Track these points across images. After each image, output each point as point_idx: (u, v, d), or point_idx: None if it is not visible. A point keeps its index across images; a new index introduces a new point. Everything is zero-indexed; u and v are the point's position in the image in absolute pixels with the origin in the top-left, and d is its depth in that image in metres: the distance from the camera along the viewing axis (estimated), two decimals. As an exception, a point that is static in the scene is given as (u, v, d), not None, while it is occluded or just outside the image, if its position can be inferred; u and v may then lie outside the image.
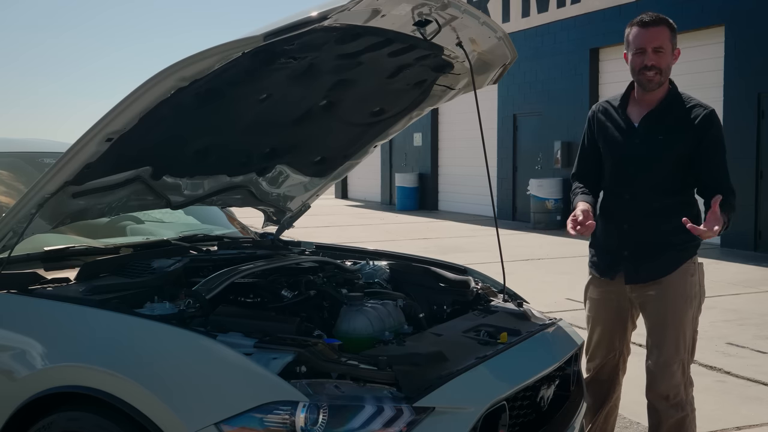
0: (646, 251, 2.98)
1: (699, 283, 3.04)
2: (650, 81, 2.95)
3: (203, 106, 2.58)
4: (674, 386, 2.96)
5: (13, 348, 2.33)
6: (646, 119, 3.01)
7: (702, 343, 5.67)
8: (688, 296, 2.99)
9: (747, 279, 8.54)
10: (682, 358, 2.97)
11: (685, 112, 2.98)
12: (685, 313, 2.98)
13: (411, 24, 2.63)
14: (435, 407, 2.02)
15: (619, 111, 3.09)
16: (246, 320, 2.31)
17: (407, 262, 3.41)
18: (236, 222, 4.10)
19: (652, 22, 2.94)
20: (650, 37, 2.93)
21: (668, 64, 2.96)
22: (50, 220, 2.69)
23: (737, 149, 10.91)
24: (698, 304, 3.04)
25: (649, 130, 3.00)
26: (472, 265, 3.57)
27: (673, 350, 2.96)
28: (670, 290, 2.97)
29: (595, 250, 3.18)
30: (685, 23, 11.63)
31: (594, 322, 3.20)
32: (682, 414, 2.98)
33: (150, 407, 2.01)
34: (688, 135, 2.95)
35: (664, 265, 2.98)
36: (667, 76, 2.99)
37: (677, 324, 2.97)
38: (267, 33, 2.18)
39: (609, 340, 3.16)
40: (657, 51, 2.92)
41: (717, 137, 2.96)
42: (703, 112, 2.97)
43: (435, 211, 18.75)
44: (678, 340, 2.96)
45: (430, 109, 3.47)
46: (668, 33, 2.95)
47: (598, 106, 3.20)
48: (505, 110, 16.21)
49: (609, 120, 3.12)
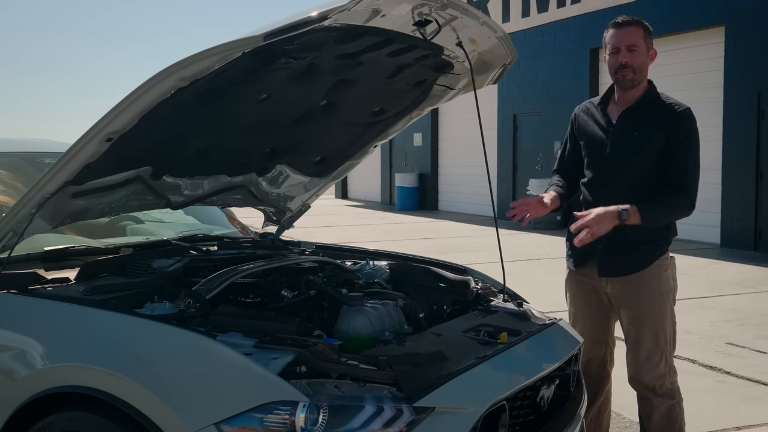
0: (620, 246, 3.04)
1: (672, 277, 3.13)
2: (624, 78, 3.04)
3: (203, 106, 2.58)
4: (659, 377, 3.06)
5: (13, 348, 2.33)
6: (623, 116, 3.10)
7: (702, 343, 5.69)
8: (664, 291, 3.08)
9: (747, 279, 8.53)
10: (663, 350, 3.06)
11: (660, 111, 3.06)
12: (662, 307, 3.07)
13: (411, 24, 2.63)
14: (435, 407, 2.01)
15: (600, 109, 3.19)
16: (246, 320, 2.31)
17: (407, 262, 3.41)
18: (236, 222, 4.10)
19: (625, 22, 3.05)
20: (624, 36, 3.02)
21: (642, 62, 3.04)
22: (50, 220, 2.69)
23: (737, 149, 10.93)
24: (674, 297, 3.14)
25: (626, 127, 3.08)
26: (472, 265, 3.57)
27: (653, 344, 3.05)
28: (645, 287, 3.06)
29: (570, 243, 3.24)
30: (685, 23, 11.66)
31: (575, 316, 3.28)
32: (672, 401, 3.08)
33: (150, 407, 2.01)
34: (660, 132, 3.02)
35: (637, 260, 3.06)
36: (642, 75, 3.07)
37: (656, 319, 3.06)
38: (267, 33, 2.18)
39: (593, 333, 3.22)
40: (631, 49, 3.01)
41: (684, 135, 3.02)
42: (677, 109, 3.05)
43: (435, 211, 18.75)
44: (657, 333, 3.05)
45: (430, 109, 3.48)
46: (642, 33, 3.04)
47: (581, 106, 3.32)
48: (505, 110, 16.21)
49: (590, 118, 3.21)
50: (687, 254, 9.83)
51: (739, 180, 10.87)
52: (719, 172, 11.09)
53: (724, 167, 11.08)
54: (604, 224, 2.87)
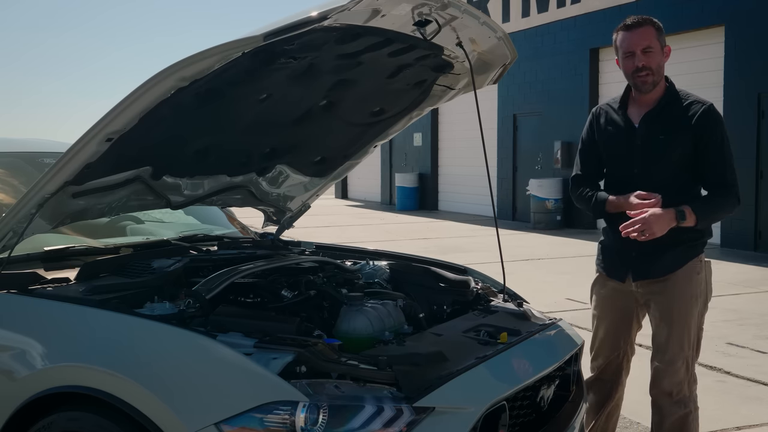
0: (653, 250, 2.96)
1: (705, 281, 3.06)
2: (644, 83, 2.96)
3: (203, 106, 2.58)
4: (677, 383, 2.97)
5: (13, 348, 2.33)
6: (646, 119, 3.02)
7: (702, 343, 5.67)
8: (694, 294, 3.00)
9: (747, 279, 8.53)
10: (686, 356, 2.98)
11: (683, 110, 2.98)
12: (690, 311, 2.99)
13: (411, 24, 2.63)
14: (435, 407, 2.01)
15: (620, 112, 3.10)
16: (246, 320, 2.31)
17: (407, 262, 3.41)
18: (236, 222, 4.10)
19: (636, 24, 2.96)
20: (637, 38, 2.94)
21: (659, 63, 2.97)
22: (50, 220, 2.69)
23: (737, 149, 10.79)
24: (704, 301, 3.06)
25: (650, 130, 3.00)
26: (472, 265, 3.56)
27: (677, 348, 2.97)
28: (676, 288, 2.98)
29: (602, 248, 3.20)
30: (685, 23, 11.65)
31: (599, 320, 3.20)
32: (685, 411, 2.99)
33: (150, 407, 2.01)
34: (688, 133, 2.95)
35: (670, 262, 2.98)
36: (661, 75, 2.99)
37: (682, 321, 2.98)
38: (267, 33, 2.18)
39: (614, 339, 3.16)
40: (646, 51, 2.93)
41: (715, 132, 2.96)
42: (700, 108, 2.97)
43: (435, 211, 18.75)
44: (683, 337, 2.97)
45: (430, 109, 3.47)
46: (654, 32, 2.96)
47: (599, 108, 3.21)
48: (505, 110, 16.21)
49: (610, 122, 3.12)
50: (687, 254, 9.81)
51: (739, 180, 10.81)
52: (719, 172, 11.08)
53: (724, 167, 11.07)
54: (661, 225, 2.78)
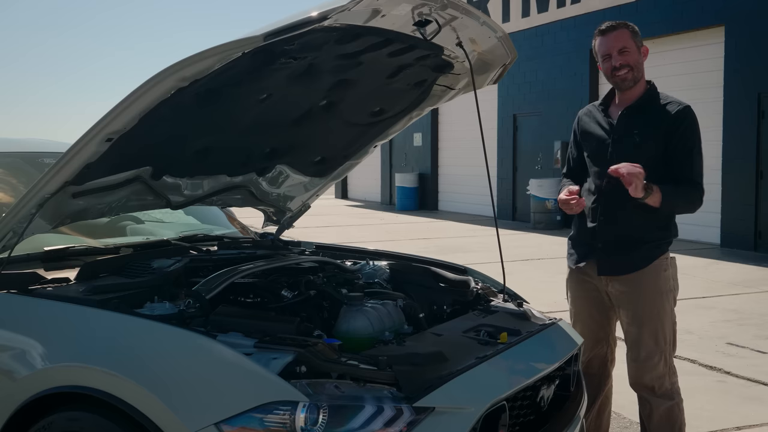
0: (619, 245, 3.07)
1: (672, 277, 3.14)
2: (624, 79, 3.07)
3: (203, 106, 2.58)
4: (658, 377, 3.07)
5: (14, 348, 2.33)
6: (623, 115, 3.12)
7: (702, 343, 5.69)
8: (663, 291, 3.09)
9: (747, 279, 8.53)
10: (662, 350, 3.07)
11: (659, 110, 3.08)
12: (662, 308, 3.08)
13: (411, 24, 2.63)
14: (435, 407, 2.01)
15: (601, 111, 3.21)
16: (246, 320, 2.31)
17: (407, 262, 3.41)
18: (236, 222, 4.10)
19: (610, 28, 3.10)
20: (612, 41, 3.07)
21: (637, 60, 3.07)
22: (50, 220, 2.69)
23: (737, 149, 10.92)
24: (674, 297, 3.14)
25: (626, 126, 3.10)
26: (472, 265, 3.57)
27: (653, 344, 3.06)
28: (644, 287, 3.07)
29: (572, 242, 3.30)
30: (685, 23, 11.66)
31: (576, 315, 3.30)
32: (671, 402, 3.09)
33: (150, 407, 2.01)
34: (660, 132, 3.04)
35: (636, 260, 3.07)
36: (641, 72, 3.10)
37: (655, 319, 3.06)
38: (267, 33, 2.18)
39: (594, 332, 3.23)
40: (622, 52, 3.05)
41: (686, 134, 3.04)
42: (676, 108, 3.06)
43: (435, 211, 18.74)
44: (657, 334, 3.06)
45: (430, 109, 3.48)
46: (629, 34, 3.07)
47: (584, 109, 3.35)
48: (505, 110, 16.21)
49: (592, 120, 3.24)
50: (687, 254, 9.83)
51: (739, 180, 10.87)
52: (719, 172, 11.08)
53: (724, 167, 11.08)
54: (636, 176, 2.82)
